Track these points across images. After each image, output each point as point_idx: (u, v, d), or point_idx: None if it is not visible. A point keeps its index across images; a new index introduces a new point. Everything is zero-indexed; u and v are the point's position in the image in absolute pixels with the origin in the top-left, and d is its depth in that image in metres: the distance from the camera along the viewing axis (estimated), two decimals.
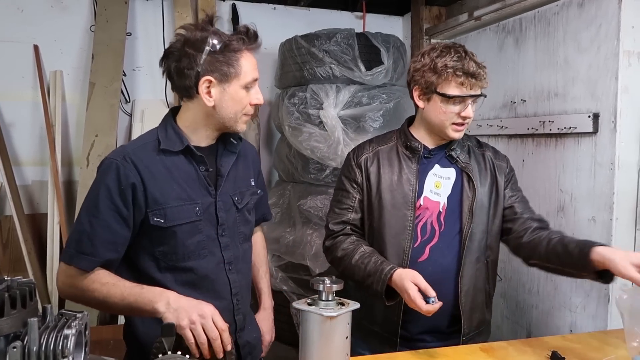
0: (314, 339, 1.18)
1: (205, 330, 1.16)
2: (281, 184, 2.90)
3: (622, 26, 1.81)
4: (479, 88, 1.46)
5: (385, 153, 1.59)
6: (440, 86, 1.45)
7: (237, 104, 1.33)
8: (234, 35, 1.31)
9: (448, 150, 1.56)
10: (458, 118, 1.47)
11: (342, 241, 1.56)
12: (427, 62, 1.47)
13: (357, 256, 1.50)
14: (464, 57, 1.45)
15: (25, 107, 2.88)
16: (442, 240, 1.52)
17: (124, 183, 1.27)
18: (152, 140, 1.35)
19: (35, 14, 2.88)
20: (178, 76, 1.32)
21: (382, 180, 1.55)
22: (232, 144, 1.44)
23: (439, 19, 3.11)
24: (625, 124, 1.83)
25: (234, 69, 1.29)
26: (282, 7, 3.29)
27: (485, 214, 1.55)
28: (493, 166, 1.60)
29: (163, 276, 1.33)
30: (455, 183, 1.55)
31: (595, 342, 1.45)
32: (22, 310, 0.82)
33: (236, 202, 1.43)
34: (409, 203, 1.51)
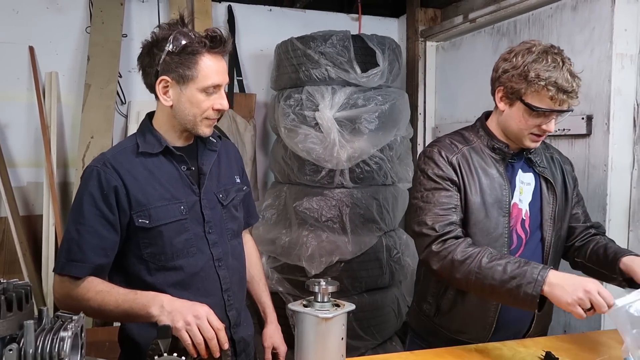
0: (310, 341, 1.19)
1: (201, 331, 1.17)
2: (277, 186, 2.91)
3: (615, 29, 1.83)
4: (570, 104, 1.35)
5: (472, 154, 1.47)
6: (527, 95, 1.34)
7: (194, 107, 1.31)
8: (197, 37, 1.29)
9: (527, 154, 1.48)
10: (538, 130, 1.38)
11: (459, 244, 1.37)
12: (518, 65, 1.35)
13: (486, 258, 1.32)
14: (560, 66, 1.32)
15: (20, 109, 2.88)
16: (527, 249, 1.46)
17: (106, 188, 1.29)
18: (131, 145, 1.36)
19: (30, 15, 2.88)
20: (143, 74, 1.35)
21: (476, 182, 1.44)
22: (212, 142, 1.45)
23: (434, 21, 3.13)
24: (618, 126, 1.85)
25: (190, 71, 1.28)
26: (278, 9, 3.29)
27: (561, 219, 1.50)
28: (562, 169, 1.54)
29: (154, 278, 1.33)
30: (535, 189, 1.48)
31: (589, 343, 1.46)
32: (18, 312, 0.83)
33: (221, 199, 1.43)
34: (505, 209, 1.43)
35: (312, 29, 2.76)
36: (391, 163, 2.70)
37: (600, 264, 1.46)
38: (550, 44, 1.39)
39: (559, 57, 1.34)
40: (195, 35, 1.30)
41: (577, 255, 1.54)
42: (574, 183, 1.57)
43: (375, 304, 2.68)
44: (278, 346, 1.60)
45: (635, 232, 1.85)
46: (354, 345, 2.53)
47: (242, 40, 3.21)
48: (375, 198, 2.67)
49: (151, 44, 1.31)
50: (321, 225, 2.60)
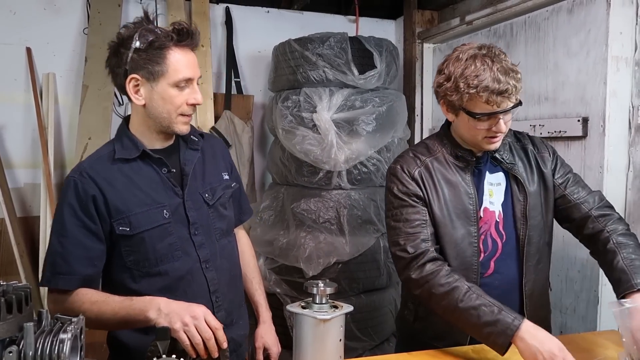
0: (308, 342, 1.20)
1: (199, 331, 1.17)
2: (275, 187, 2.91)
3: (611, 32, 1.85)
4: (509, 102, 1.31)
5: (435, 165, 1.46)
6: (465, 104, 1.33)
7: (168, 103, 1.28)
8: (163, 32, 1.27)
9: (491, 153, 1.45)
10: (490, 132, 1.36)
11: (436, 275, 1.35)
12: (449, 77, 1.34)
13: (463, 297, 1.31)
14: (490, 67, 1.28)
15: (17, 110, 2.87)
16: (504, 252, 1.44)
17: (84, 198, 1.27)
18: (108, 152, 1.34)
19: (27, 17, 2.87)
20: (112, 76, 1.32)
21: (440, 195, 1.43)
22: (193, 141, 1.42)
23: (432, 23, 3.14)
24: (614, 128, 1.86)
25: (159, 66, 1.26)
26: (276, 11, 3.30)
27: (540, 214, 1.45)
28: (536, 159, 1.49)
29: (139, 285, 1.32)
30: (506, 188, 1.46)
31: (585, 343, 1.47)
32: (17, 314, 0.83)
33: (206, 199, 1.40)
34: (472, 218, 1.41)
35: (310, 30, 2.77)
36: (388, 164, 2.70)
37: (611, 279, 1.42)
38: (482, 44, 1.36)
39: (487, 58, 1.31)
40: (161, 30, 1.27)
41: (592, 253, 1.50)
42: (554, 167, 1.49)
43: (373, 305, 2.68)
44: (270, 347, 1.56)
45: None
46: (352, 346, 2.54)
47: (239, 42, 3.22)
48: (373, 199, 2.68)
49: (117, 44, 1.29)
50: (319, 227, 2.60)
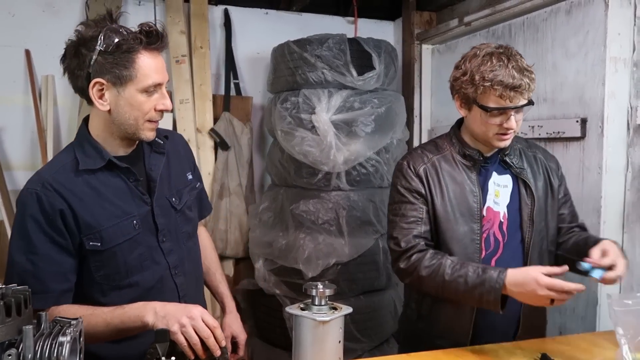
0: (307, 344, 1.20)
1: (196, 331, 1.17)
2: (274, 188, 2.91)
3: (609, 33, 1.85)
4: (522, 99, 1.36)
5: (442, 162, 1.50)
6: (479, 98, 1.38)
7: (135, 109, 1.21)
8: (131, 34, 1.19)
9: (502, 156, 1.50)
10: (501, 129, 1.40)
11: (422, 259, 1.42)
12: (465, 71, 1.40)
13: (448, 270, 1.38)
14: (505, 65, 1.34)
15: (16, 112, 2.87)
16: (506, 252, 1.47)
17: (50, 213, 1.19)
18: (70, 161, 1.25)
19: (26, 19, 2.87)
20: (70, 77, 1.23)
21: (445, 192, 1.47)
22: (158, 144, 1.35)
23: (430, 24, 3.14)
24: (612, 129, 1.87)
25: (128, 71, 1.18)
26: (274, 12, 3.30)
27: (544, 220, 1.50)
28: (545, 168, 1.54)
29: (108, 299, 1.27)
30: (513, 191, 1.49)
31: (584, 344, 1.47)
32: (17, 317, 0.83)
33: (174, 204, 1.36)
34: (475, 215, 1.45)
35: (309, 32, 2.77)
36: (387, 165, 2.71)
37: (580, 254, 1.44)
38: (499, 44, 1.42)
39: (504, 56, 1.36)
40: (128, 31, 1.19)
41: (558, 248, 1.55)
42: (560, 181, 1.56)
43: (372, 306, 2.68)
44: (237, 335, 1.52)
45: (630, 234, 1.86)
46: (351, 347, 2.54)
47: (238, 44, 3.22)
48: (372, 200, 2.68)
49: (77, 44, 1.19)
50: (318, 228, 2.60)
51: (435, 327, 1.53)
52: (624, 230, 1.88)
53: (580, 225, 1.61)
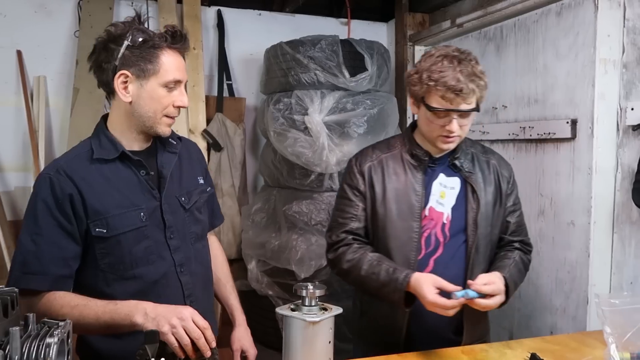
0: (298, 344, 1.20)
1: (187, 332, 1.16)
2: (267, 189, 2.91)
3: (599, 35, 1.86)
4: (464, 103, 1.37)
5: (390, 161, 1.53)
6: (426, 97, 1.41)
7: (155, 102, 1.27)
8: (157, 33, 1.27)
9: (452, 159, 1.51)
10: (444, 131, 1.41)
11: (345, 252, 1.49)
12: (417, 70, 1.42)
13: (365, 266, 1.44)
14: (454, 68, 1.36)
15: (8, 113, 2.86)
16: (446, 253, 1.48)
17: (60, 196, 1.23)
18: (86, 151, 1.31)
19: (18, 19, 2.86)
20: (97, 71, 1.29)
21: (388, 189, 1.50)
22: (171, 145, 1.40)
23: (423, 26, 3.16)
24: (602, 129, 1.88)
25: (152, 65, 1.25)
26: (268, 13, 3.30)
27: (489, 225, 1.51)
28: (497, 174, 1.55)
29: (112, 289, 1.29)
30: (460, 193, 1.50)
31: (574, 343, 1.48)
32: (3, 319, 0.82)
33: (183, 203, 1.39)
34: (415, 214, 1.47)
35: (302, 33, 2.78)
36: None
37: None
38: (459, 49, 1.43)
39: (455, 59, 1.38)
40: (152, 32, 1.27)
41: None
42: (510, 189, 1.56)
43: None
44: (247, 349, 1.54)
45: (619, 234, 1.88)
46: (343, 348, 2.53)
47: (231, 45, 3.22)
48: None
49: (107, 40, 1.27)
50: (311, 229, 2.61)
51: (373, 324, 1.55)
52: (613, 231, 1.90)
53: (523, 241, 1.58)
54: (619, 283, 1.87)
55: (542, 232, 2.12)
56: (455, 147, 1.50)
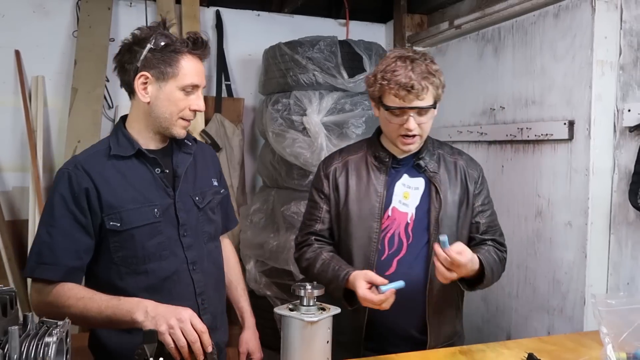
0: (296, 344, 1.20)
1: (184, 334, 1.17)
2: (265, 190, 2.92)
3: (596, 37, 1.87)
4: (417, 100, 1.41)
5: (354, 163, 1.57)
6: (382, 97, 1.44)
7: (172, 104, 1.32)
8: (179, 39, 1.33)
9: (416, 160, 1.54)
10: (402, 130, 1.44)
11: (306, 252, 1.56)
12: (374, 72, 1.47)
13: (318, 265, 1.50)
14: (406, 67, 1.40)
15: (6, 113, 2.86)
16: (410, 253, 1.49)
17: (77, 190, 1.28)
18: (104, 148, 1.36)
19: (16, 19, 2.86)
20: (121, 71, 1.35)
21: (350, 191, 1.54)
22: (187, 145, 1.45)
23: (421, 27, 3.16)
24: (599, 131, 1.89)
25: (171, 68, 1.30)
26: (266, 14, 3.31)
27: (455, 224, 1.52)
28: (464, 175, 1.57)
29: (124, 283, 1.32)
30: (424, 193, 1.52)
31: (571, 344, 1.49)
32: (2, 318, 0.83)
33: (197, 202, 1.42)
34: (375, 215, 1.50)
35: (300, 34, 2.78)
36: None
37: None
38: (414, 50, 1.49)
39: (408, 59, 1.42)
40: (175, 37, 1.33)
41: None
42: (478, 189, 1.57)
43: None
44: (253, 352, 1.57)
45: (616, 235, 1.88)
46: None
47: (230, 45, 3.22)
48: None
49: (132, 43, 1.33)
50: None
51: (336, 324, 1.56)
52: (610, 232, 1.90)
53: (495, 240, 1.58)
54: (616, 284, 1.88)
55: (539, 233, 2.13)
56: (419, 148, 1.53)
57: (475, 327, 2.44)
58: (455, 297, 1.57)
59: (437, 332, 1.52)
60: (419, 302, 1.48)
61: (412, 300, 1.46)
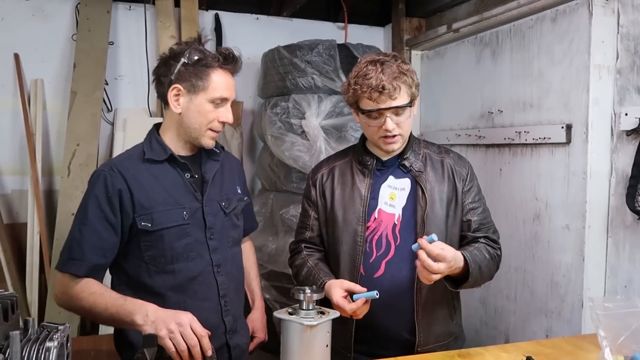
0: (295, 348, 1.21)
1: (184, 338, 1.18)
2: (264, 193, 2.92)
3: (593, 41, 1.88)
4: (390, 100, 1.42)
5: (339, 168, 1.60)
6: (358, 102, 1.47)
7: (201, 116, 1.40)
8: (211, 54, 1.41)
9: (401, 160, 1.54)
10: (382, 131, 1.46)
11: (296, 259, 1.61)
12: (349, 78, 1.49)
13: (303, 272, 1.54)
14: (376, 69, 1.42)
15: (5, 116, 2.86)
16: (398, 254, 1.49)
17: (111, 191, 1.35)
18: (138, 152, 1.44)
19: (16, 23, 2.86)
20: (157, 83, 1.44)
21: (335, 196, 1.56)
22: (215, 153, 1.52)
23: (419, 31, 3.18)
24: (597, 135, 1.90)
25: (202, 82, 1.37)
26: (265, 17, 3.32)
27: (443, 223, 1.51)
28: (452, 172, 1.56)
29: (153, 281, 1.38)
30: (410, 193, 1.52)
31: (569, 347, 1.49)
32: (4, 323, 0.83)
33: (223, 207, 1.49)
34: (360, 218, 1.50)
35: (299, 37, 2.79)
36: None
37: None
38: (385, 53, 1.52)
39: (378, 62, 1.44)
40: (209, 52, 1.41)
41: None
42: (467, 186, 1.56)
43: None
44: (257, 331, 1.65)
45: (614, 238, 1.89)
46: None
47: None
48: None
49: (168, 57, 1.42)
50: None
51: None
52: (608, 235, 1.91)
53: (488, 237, 1.56)
54: (614, 287, 1.89)
55: (537, 236, 2.14)
56: (403, 148, 1.54)
57: (473, 330, 2.45)
58: (447, 297, 1.56)
59: (427, 332, 1.51)
60: (408, 304, 1.48)
61: (401, 301, 1.47)
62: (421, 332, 1.51)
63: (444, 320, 1.57)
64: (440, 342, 1.55)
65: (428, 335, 1.52)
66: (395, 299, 1.41)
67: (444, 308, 1.56)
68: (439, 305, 1.54)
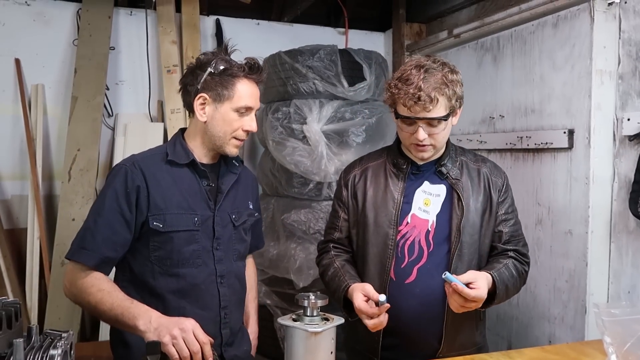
0: (299, 355, 1.20)
1: (187, 344, 1.18)
2: (265, 198, 2.91)
3: (595, 46, 1.88)
4: (424, 112, 1.38)
5: (373, 170, 1.57)
6: (395, 105, 1.45)
7: (226, 124, 1.41)
8: (236, 64, 1.43)
9: (438, 166, 1.51)
10: (413, 139, 1.44)
11: (323, 258, 1.59)
12: (392, 77, 1.48)
13: (329, 273, 1.53)
14: (419, 77, 1.38)
15: (5, 121, 2.85)
16: (430, 261, 1.46)
17: (130, 186, 1.36)
18: (161, 152, 1.46)
19: (17, 28, 2.86)
20: (184, 92, 1.46)
21: (367, 197, 1.53)
22: (234, 165, 1.54)
23: (420, 36, 3.18)
24: (599, 140, 1.90)
25: (227, 91, 1.39)
26: (266, 23, 3.32)
27: (477, 233, 1.49)
28: (488, 182, 1.53)
29: (156, 282, 1.39)
30: (445, 200, 1.49)
31: (573, 353, 1.48)
32: (7, 331, 0.83)
33: (233, 220, 1.50)
34: (392, 221, 1.48)
35: (300, 42, 2.79)
36: None
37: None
38: (435, 58, 1.46)
39: (423, 69, 1.40)
40: (234, 62, 1.43)
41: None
42: (502, 197, 1.54)
43: None
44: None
45: (617, 244, 1.89)
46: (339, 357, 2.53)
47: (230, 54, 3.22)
48: None
49: (195, 67, 1.44)
50: (309, 238, 2.61)
51: (355, 333, 1.57)
52: (610, 240, 1.91)
53: (517, 250, 1.54)
54: (617, 292, 1.88)
55: (539, 241, 2.13)
56: (438, 155, 1.52)
57: None
58: (472, 311, 1.50)
59: (452, 341, 1.50)
60: (438, 311, 1.45)
61: (431, 309, 1.44)
62: (446, 340, 1.49)
63: (470, 330, 1.55)
64: (462, 350, 1.52)
65: (452, 344, 1.50)
66: (425, 306, 1.39)
67: (471, 318, 1.53)
68: (468, 315, 1.49)
